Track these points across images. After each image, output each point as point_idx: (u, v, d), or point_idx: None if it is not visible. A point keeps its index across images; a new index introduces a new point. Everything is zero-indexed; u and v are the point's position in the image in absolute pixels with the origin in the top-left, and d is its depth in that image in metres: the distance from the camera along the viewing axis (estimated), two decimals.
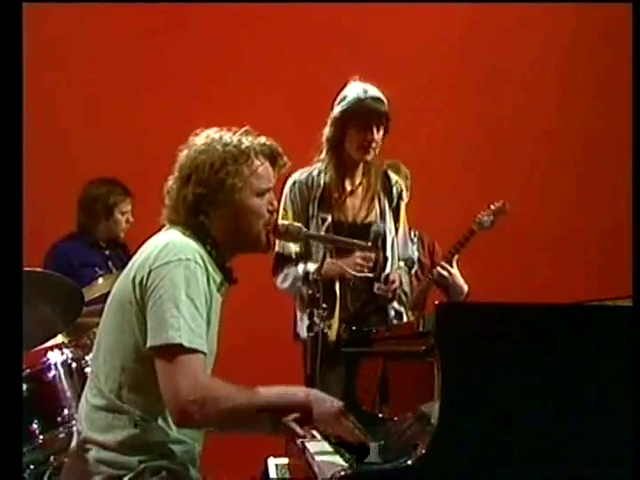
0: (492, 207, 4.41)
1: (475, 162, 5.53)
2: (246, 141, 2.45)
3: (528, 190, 5.53)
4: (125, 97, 5.30)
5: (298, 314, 3.71)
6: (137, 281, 2.32)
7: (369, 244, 3.38)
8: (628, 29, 3.51)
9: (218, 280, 2.43)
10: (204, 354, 2.29)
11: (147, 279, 2.30)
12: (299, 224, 3.29)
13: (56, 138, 5.23)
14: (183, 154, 2.47)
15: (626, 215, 3.23)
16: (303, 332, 3.57)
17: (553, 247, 5.47)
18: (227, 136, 2.46)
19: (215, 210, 2.42)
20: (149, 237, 2.49)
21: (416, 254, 3.98)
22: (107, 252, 4.62)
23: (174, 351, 2.23)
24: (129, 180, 4.81)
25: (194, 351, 2.25)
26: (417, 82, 5.33)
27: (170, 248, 2.33)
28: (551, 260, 5.40)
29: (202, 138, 2.47)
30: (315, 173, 3.73)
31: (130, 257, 2.48)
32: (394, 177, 3.82)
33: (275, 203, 2.50)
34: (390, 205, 3.77)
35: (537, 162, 5.57)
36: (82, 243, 4.61)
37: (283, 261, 3.68)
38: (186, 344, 2.23)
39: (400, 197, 3.80)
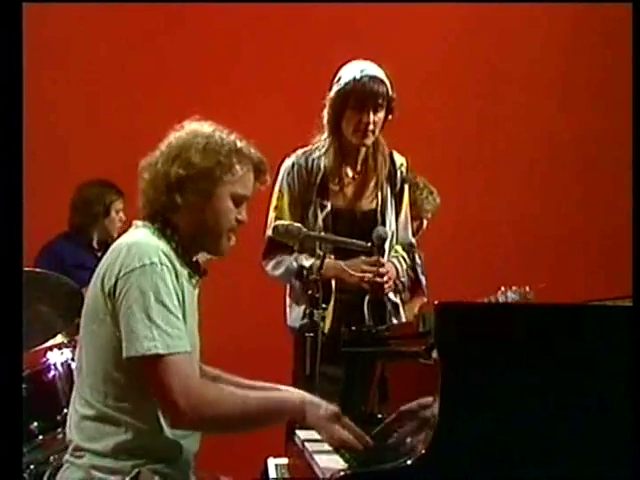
0: (521, 289, 4.50)
1: (475, 162, 5.53)
2: (241, 144, 2.44)
3: (528, 190, 5.54)
4: (125, 97, 5.30)
5: (288, 301, 3.61)
6: (106, 292, 2.29)
7: (369, 244, 3.30)
8: (628, 29, 3.51)
9: (186, 274, 2.40)
10: (187, 352, 2.27)
11: (114, 289, 2.27)
12: (298, 224, 3.27)
13: (56, 138, 5.23)
14: (175, 134, 2.46)
15: (626, 215, 3.24)
16: (292, 321, 3.53)
17: (553, 247, 5.48)
18: (225, 132, 2.45)
19: (190, 195, 2.38)
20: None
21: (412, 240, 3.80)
22: (99, 254, 4.61)
23: (155, 361, 2.22)
24: (128, 180, 4.77)
25: (175, 354, 2.23)
26: (417, 82, 5.33)
27: (134, 253, 2.29)
28: (551, 260, 5.41)
29: (198, 125, 2.46)
30: (316, 155, 3.57)
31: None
32: (399, 159, 3.64)
33: (244, 215, 2.45)
34: (393, 190, 3.60)
35: (537, 162, 5.58)
36: (76, 244, 4.65)
37: (276, 246, 3.50)
38: (163, 351, 2.21)
39: (404, 180, 3.63)
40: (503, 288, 4.53)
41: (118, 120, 5.25)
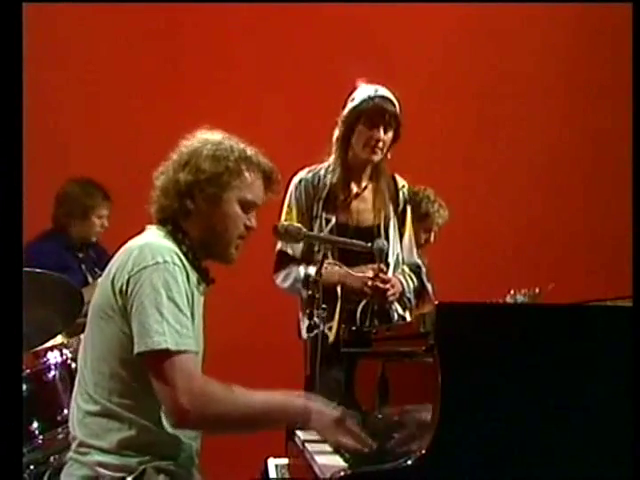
0: (530, 291, 4.53)
1: (476, 162, 5.53)
2: (251, 152, 2.48)
3: (529, 190, 5.54)
4: (125, 97, 5.30)
5: (300, 314, 3.68)
6: (117, 288, 2.31)
7: (369, 244, 3.34)
8: (628, 29, 3.51)
9: (195, 280, 2.42)
10: (194, 353, 2.29)
11: (127, 286, 2.29)
12: (299, 225, 3.32)
13: (56, 138, 5.23)
14: (186, 143, 2.49)
15: (627, 215, 3.23)
16: (304, 332, 3.58)
17: (554, 247, 5.48)
18: (234, 140, 2.50)
19: (200, 201, 2.42)
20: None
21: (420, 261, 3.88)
22: (80, 255, 4.55)
23: (163, 356, 2.23)
24: (128, 180, 4.80)
25: (183, 352, 2.24)
26: (417, 83, 5.33)
27: (147, 252, 2.32)
28: (552, 260, 5.41)
29: (208, 134, 2.50)
30: (322, 172, 3.69)
31: (109, 260, 2.47)
32: (401, 181, 3.78)
33: (254, 222, 2.49)
34: (396, 210, 3.73)
35: (538, 162, 5.58)
36: (56, 244, 4.47)
37: (285, 260, 3.64)
38: (173, 348, 2.23)
39: (406, 201, 3.76)
40: (512, 291, 4.55)
41: (118, 120, 5.25)
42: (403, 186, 3.78)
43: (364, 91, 3.63)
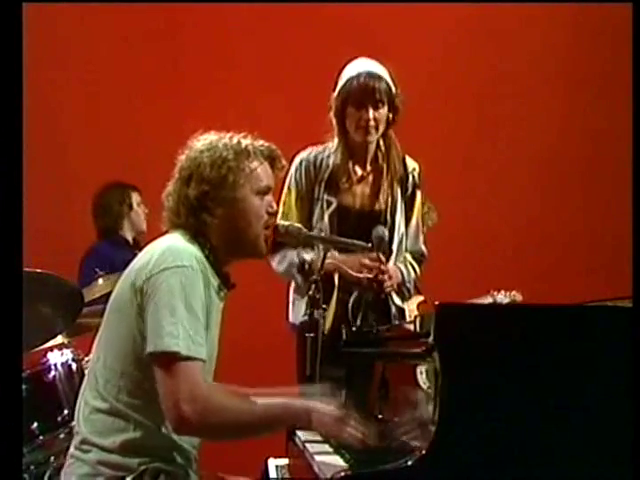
0: (510, 293, 4.56)
1: (475, 162, 5.53)
2: (246, 142, 2.48)
3: (528, 190, 5.54)
4: (125, 97, 5.30)
5: (291, 297, 3.60)
6: (136, 287, 2.32)
7: (370, 245, 3.28)
8: (628, 29, 3.51)
9: (216, 285, 2.43)
10: (203, 361, 2.29)
11: (145, 286, 2.30)
12: (299, 225, 3.21)
13: (56, 138, 5.24)
14: (183, 157, 2.49)
15: (627, 215, 3.23)
16: (295, 317, 3.52)
17: (553, 247, 5.48)
18: (227, 137, 2.49)
19: (216, 208, 2.43)
20: (150, 241, 2.50)
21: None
22: (137, 252, 4.66)
23: (172, 359, 2.23)
24: (128, 180, 4.83)
25: (192, 359, 2.25)
26: (417, 83, 5.32)
27: (168, 254, 2.33)
28: (552, 260, 5.41)
29: (202, 140, 2.50)
30: (325, 154, 3.56)
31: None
32: (412, 164, 3.62)
33: (274, 205, 2.51)
34: (404, 194, 3.58)
35: (537, 162, 5.57)
36: (116, 244, 4.79)
37: (282, 242, 3.42)
38: (184, 352, 2.23)
39: (416, 185, 3.60)
40: (493, 291, 4.58)
41: (118, 120, 5.25)
42: (414, 169, 3.61)
43: (349, 71, 3.52)
